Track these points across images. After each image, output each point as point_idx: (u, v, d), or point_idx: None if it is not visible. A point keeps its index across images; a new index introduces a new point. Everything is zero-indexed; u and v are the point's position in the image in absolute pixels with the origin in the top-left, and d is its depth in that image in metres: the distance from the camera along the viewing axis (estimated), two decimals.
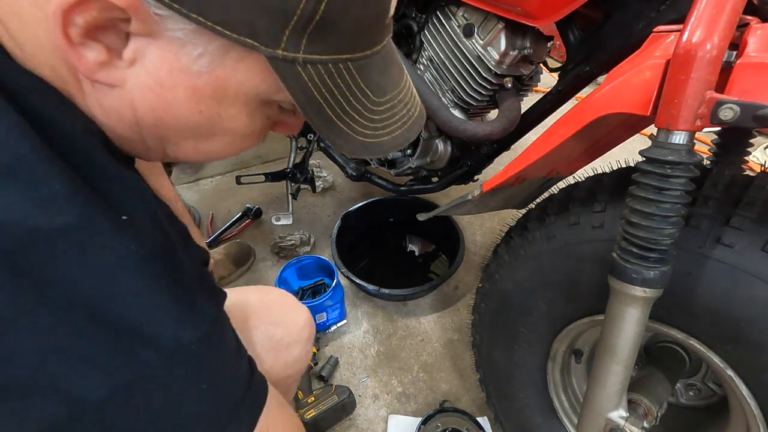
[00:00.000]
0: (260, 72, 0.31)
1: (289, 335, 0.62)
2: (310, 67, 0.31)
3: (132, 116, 0.32)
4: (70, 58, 0.28)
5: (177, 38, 0.28)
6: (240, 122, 0.35)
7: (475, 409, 1.04)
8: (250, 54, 0.30)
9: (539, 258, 0.69)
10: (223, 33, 0.27)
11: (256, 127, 0.36)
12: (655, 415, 0.61)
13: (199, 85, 0.31)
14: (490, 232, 1.56)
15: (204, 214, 1.61)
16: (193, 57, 0.29)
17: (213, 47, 0.29)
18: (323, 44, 0.30)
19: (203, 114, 0.33)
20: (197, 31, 0.28)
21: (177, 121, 0.33)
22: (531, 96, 1.00)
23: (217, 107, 0.33)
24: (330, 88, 0.32)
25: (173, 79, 0.30)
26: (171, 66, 0.29)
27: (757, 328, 0.50)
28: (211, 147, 0.36)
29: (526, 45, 0.84)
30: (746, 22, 0.47)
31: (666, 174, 0.45)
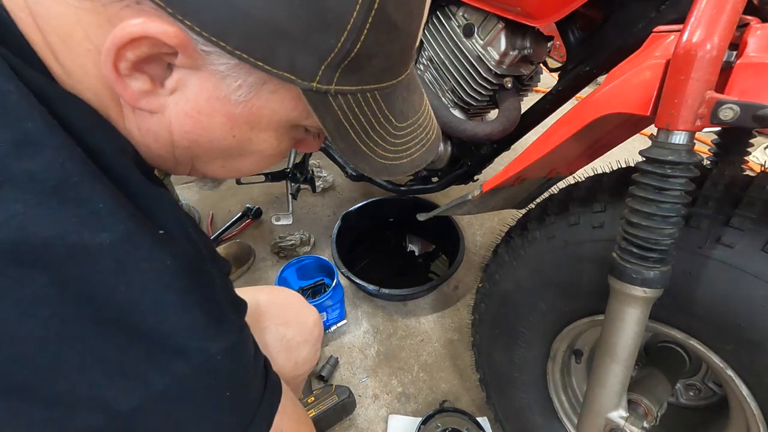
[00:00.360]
0: (293, 101, 0.33)
1: (300, 335, 0.63)
2: (340, 97, 0.33)
3: (168, 138, 0.34)
4: (116, 88, 0.30)
5: (219, 71, 0.30)
6: (269, 144, 0.37)
7: (475, 409, 1.04)
8: (285, 86, 0.32)
9: (539, 258, 0.69)
10: (264, 68, 0.29)
11: (282, 148, 0.38)
12: (655, 415, 0.61)
13: (235, 113, 0.33)
14: (490, 232, 1.56)
15: (204, 214, 1.61)
16: (232, 88, 0.31)
17: (252, 80, 0.31)
18: (355, 77, 0.32)
19: (236, 138, 0.35)
20: (239, 65, 0.30)
21: (210, 143, 0.35)
22: (531, 96, 1.00)
23: (249, 132, 0.35)
24: (357, 116, 0.34)
25: (211, 106, 0.32)
26: (210, 95, 0.31)
27: (757, 328, 0.50)
28: (239, 165, 0.39)
29: (526, 45, 0.84)
30: (746, 22, 0.47)
31: (666, 174, 0.45)
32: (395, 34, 0.32)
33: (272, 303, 0.64)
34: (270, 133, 0.36)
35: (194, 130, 0.33)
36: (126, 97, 0.30)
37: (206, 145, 0.35)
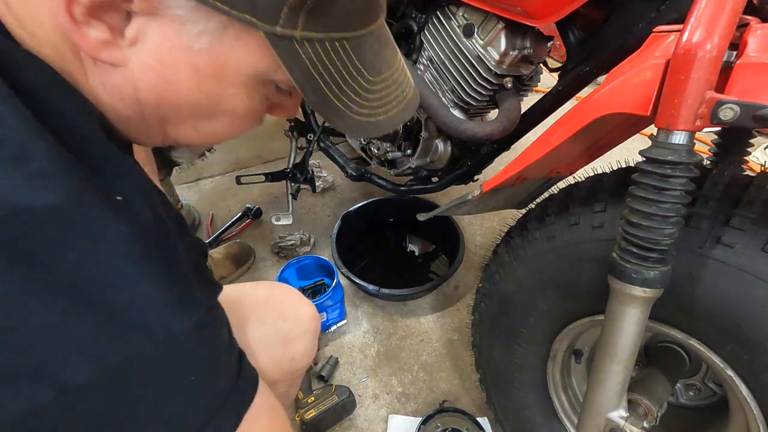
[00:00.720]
0: (259, 50, 0.31)
1: (297, 327, 0.63)
2: (307, 44, 0.31)
3: (134, 95, 0.32)
4: (74, 37, 0.28)
5: (178, 16, 0.29)
6: (239, 102, 0.35)
7: (475, 409, 1.04)
8: (248, 31, 0.30)
9: (539, 258, 0.69)
10: (223, 9, 0.28)
11: (254, 108, 0.37)
12: (655, 415, 0.61)
13: (200, 64, 0.31)
14: (490, 232, 1.56)
15: (204, 214, 1.61)
16: (193, 34, 0.30)
17: (212, 24, 0.30)
18: (320, 22, 0.31)
19: (204, 93, 0.33)
20: (197, 7, 0.28)
21: (178, 99, 0.33)
22: (531, 96, 1.00)
23: (217, 86, 0.33)
24: (327, 66, 0.33)
25: (174, 57, 0.31)
26: (172, 44, 0.30)
27: (757, 328, 0.50)
28: (212, 128, 0.37)
29: (526, 45, 0.84)
30: (746, 22, 0.47)
31: (666, 174, 0.45)
32: None
33: (269, 297, 0.64)
34: (239, 88, 0.34)
35: (159, 84, 0.32)
36: (84, 48, 0.29)
37: (174, 102, 0.33)
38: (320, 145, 1.38)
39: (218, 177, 1.83)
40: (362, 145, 1.26)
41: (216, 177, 1.83)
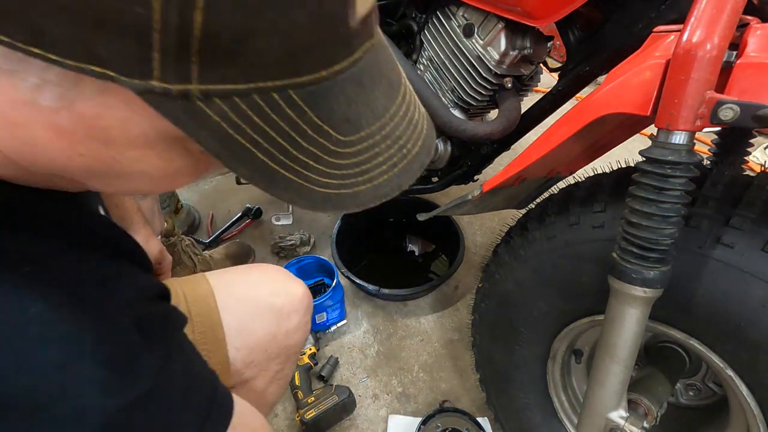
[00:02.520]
0: (143, 108, 0.21)
1: (290, 303, 0.65)
2: (219, 102, 0.21)
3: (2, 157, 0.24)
4: None
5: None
6: (150, 164, 0.25)
7: (475, 409, 1.04)
8: (113, 85, 0.20)
9: (539, 258, 0.69)
10: (47, 58, 0.19)
11: (179, 166, 0.27)
12: (655, 415, 0.61)
13: (63, 125, 0.22)
14: (490, 232, 1.56)
15: (204, 214, 1.61)
16: (30, 88, 0.21)
17: (53, 76, 0.21)
18: (234, 69, 0.20)
19: (87, 157, 0.24)
20: (16, 56, 0.19)
21: (56, 163, 0.24)
22: (531, 96, 1.00)
23: (105, 150, 0.24)
24: (260, 128, 0.22)
25: (21, 114, 0.22)
26: (10, 98, 0.21)
27: (757, 328, 0.50)
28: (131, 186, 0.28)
29: (526, 45, 0.84)
30: (746, 22, 0.47)
31: (666, 174, 0.45)
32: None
33: (261, 277, 0.66)
34: (142, 151, 0.24)
35: (20, 147, 0.23)
36: None
37: (53, 165, 0.24)
38: None
39: (218, 177, 1.83)
40: None
41: (216, 177, 1.83)
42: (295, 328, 0.65)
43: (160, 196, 1.15)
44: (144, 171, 0.26)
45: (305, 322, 0.68)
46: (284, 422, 1.04)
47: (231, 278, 0.65)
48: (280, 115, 0.22)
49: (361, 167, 0.26)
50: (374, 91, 0.26)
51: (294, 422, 1.02)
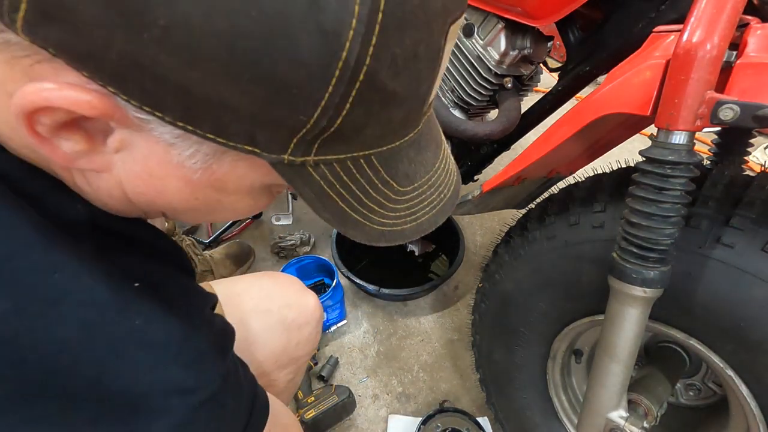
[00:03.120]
0: (262, 168, 0.27)
1: (301, 316, 0.65)
2: (323, 167, 0.27)
3: (122, 196, 0.29)
4: (43, 151, 0.25)
5: (164, 139, 0.25)
6: (243, 204, 0.32)
7: (475, 409, 1.04)
8: (249, 157, 0.25)
9: (539, 258, 0.69)
10: (217, 141, 0.24)
11: (261, 204, 0.34)
12: (655, 415, 0.61)
13: (194, 179, 0.27)
14: (490, 232, 1.56)
15: None
16: (184, 156, 0.26)
17: (206, 149, 0.26)
18: (341, 147, 0.26)
19: (200, 201, 0.30)
20: (186, 135, 0.24)
21: (171, 204, 0.30)
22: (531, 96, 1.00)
23: (215, 194, 0.29)
24: (346, 184, 0.28)
25: (164, 170, 0.27)
26: (160, 159, 0.26)
27: (757, 328, 0.50)
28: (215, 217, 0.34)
29: (526, 45, 0.84)
30: (746, 22, 0.47)
31: (666, 174, 0.45)
32: (394, 102, 0.26)
33: (274, 287, 0.66)
34: (241, 196, 0.30)
35: (148, 192, 0.28)
36: (57, 160, 0.25)
37: (167, 205, 0.30)
38: None
39: None
40: None
41: None
42: (306, 341, 0.66)
43: None
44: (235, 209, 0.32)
45: (316, 333, 0.68)
46: None
47: (242, 288, 0.65)
48: (362, 174, 0.29)
49: (410, 210, 0.33)
50: (427, 152, 0.33)
51: None
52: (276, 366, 0.63)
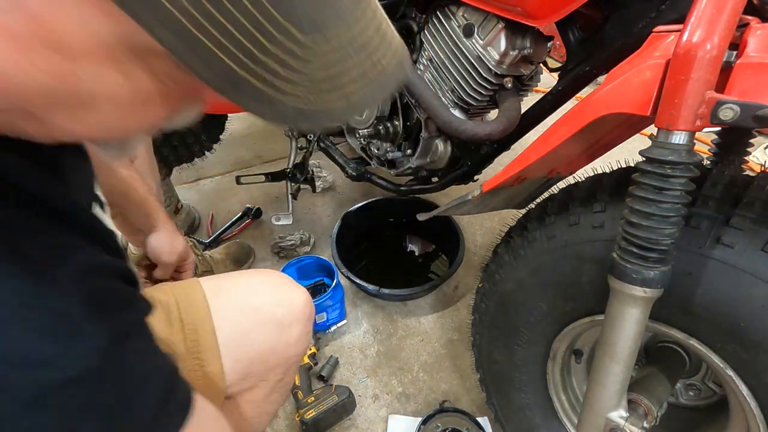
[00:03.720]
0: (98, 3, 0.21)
1: (291, 314, 0.63)
2: None
3: None
4: None
5: None
6: (112, 82, 0.24)
7: (475, 409, 1.04)
8: None
9: (539, 258, 0.69)
10: None
11: (143, 89, 0.25)
12: (655, 415, 0.61)
13: (15, 28, 0.21)
14: (490, 232, 1.56)
15: (204, 214, 1.61)
16: None
17: None
18: None
19: (48, 73, 0.23)
20: None
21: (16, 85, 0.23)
22: (531, 96, 1.00)
23: (62, 62, 0.23)
24: (219, 23, 0.21)
25: None
26: None
27: (757, 328, 0.50)
28: (97, 119, 0.26)
29: (526, 45, 0.84)
30: (746, 22, 0.47)
31: (666, 174, 0.45)
32: None
33: (263, 284, 0.65)
34: (102, 66, 0.23)
35: None
36: None
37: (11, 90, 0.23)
38: (320, 145, 1.38)
39: (218, 177, 1.83)
40: (362, 145, 1.26)
41: (216, 177, 1.83)
42: (296, 340, 0.63)
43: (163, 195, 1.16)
44: (107, 91, 0.25)
45: (307, 332, 0.66)
46: (284, 422, 1.04)
47: (230, 284, 0.63)
48: (240, 11, 0.21)
49: (332, 78, 0.25)
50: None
51: (294, 422, 1.02)
52: (264, 366, 0.61)
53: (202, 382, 0.55)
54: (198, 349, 0.56)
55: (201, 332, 0.56)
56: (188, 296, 0.59)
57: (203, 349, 0.56)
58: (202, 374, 0.55)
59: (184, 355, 0.54)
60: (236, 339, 0.58)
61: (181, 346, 0.54)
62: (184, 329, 0.55)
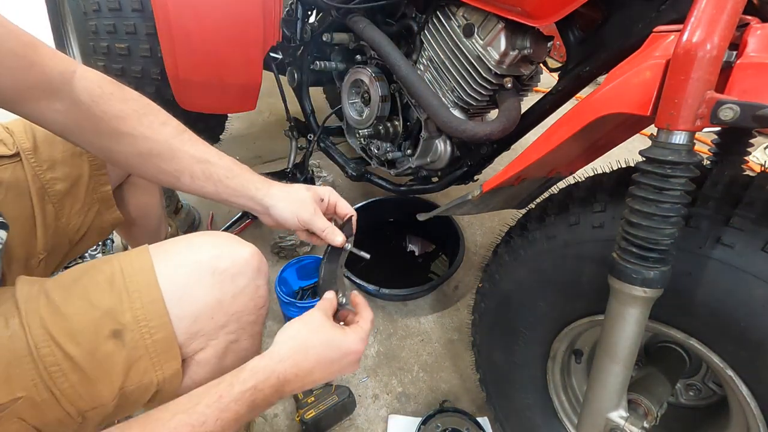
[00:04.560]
0: None
1: (234, 266, 0.60)
2: None
3: None
4: None
5: None
6: None
7: (475, 409, 1.04)
8: None
9: (539, 258, 0.69)
10: None
11: None
12: (655, 415, 0.61)
13: None
14: (490, 232, 1.56)
15: (204, 214, 1.61)
16: None
17: None
18: None
19: None
20: None
21: None
22: (531, 96, 1.00)
23: None
24: None
25: None
26: None
27: (757, 328, 0.50)
28: None
29: (526, 45, 0.84)
30: (746, 22, 0.47)
31: (666, 174, 0.45)
32: None
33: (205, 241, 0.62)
34: None
35: None
36: None
37: None
38: (320, 145, 1.38)
39: None
40: (362, 145, 1.26)
41: None
42: (242, 292, 0.60)
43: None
44: None
45: (256, 286, 0.62)
46: (284, 422, 1.04)
47: (172, 244, 0.60)
48: None
49: None
50: None
51: (294, 422, 1.02)
52: (212, 323, 0.58)
53: (153, 349, 0.53)
54: (147, 317, 0.53)
55: (148, 299, 0.54)
56: (133, 263, 0.56)
57: (153, 315, 0.54)
58: (151, 341, 0.53)
59: (131, 324, 0.52)
60: (178, 295, 0.55)
61: (127, 315, 0.52)
62: (130, 297, 0.53)
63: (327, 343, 0.55)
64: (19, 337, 0.49)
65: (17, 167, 0.71)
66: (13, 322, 0.50)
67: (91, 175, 0.81)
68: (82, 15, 1.17)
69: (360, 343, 0.56)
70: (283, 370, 0.51)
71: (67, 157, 0.77)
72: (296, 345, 0.54)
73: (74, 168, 0.78)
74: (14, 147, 0.71)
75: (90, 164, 0.80)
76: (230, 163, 0.70)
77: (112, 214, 0.87)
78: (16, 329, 0.49)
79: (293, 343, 0.54)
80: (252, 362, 0.51)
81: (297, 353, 0.53)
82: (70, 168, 0.77)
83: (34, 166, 0.73)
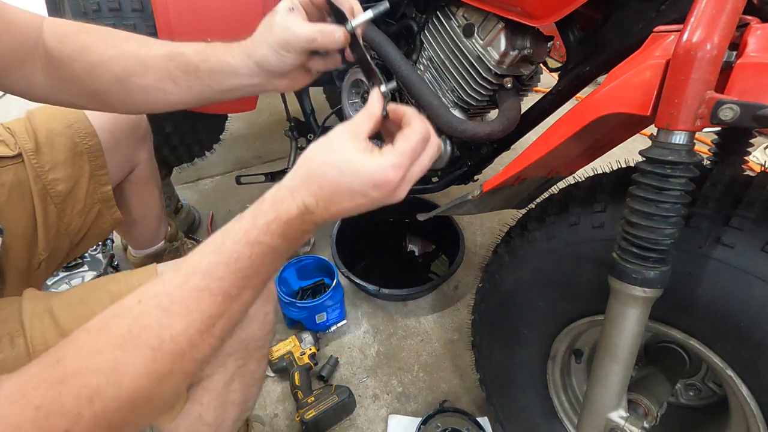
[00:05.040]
0: None
1: None
2: None
3: None
4: None
5: None
6: None
7: (475, 409, 1.04)
8: None
9: (539, 258, 0.69)
10: None
11: None
12: (655, 415, 0.61)
13: None
14: (490, 232, 1.56)
15: (204, 214, 1.61)
16: None
17: None
18: None
19: None
20: None
21: None
22: (531, 96, 1.00)
23: None
24: None
25: None
26: None
27: (757, 328, 0.50)
28: None
29: (526, 45, 0.84)
30: (746, 22, 0.47)
31: (666, 174, 0.45)
32: None
33: None
34: None
35: None
36: None
37: None
38: None
39: (218, 177, 1.83)
40: None
41: (216, 177, 1.83)
42: (250, 320, 0.60)
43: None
44: None
45: (264, 312, 0.62)
46: (284, 422, 1.04)
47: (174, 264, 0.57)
48: None
49: None
50: None
51: (294, 422, 1.02)
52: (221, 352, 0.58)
53: None
54: None
55: None
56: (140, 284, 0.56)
57: None
58: None
59: None
60: None
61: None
62: None
63: (342, 170, 0.42)
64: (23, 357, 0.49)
65: (19, 168, 0.71)
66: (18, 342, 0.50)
67: (91, 175, 0.81)
68: (82, 15, 1.17)
69: (391, 171, 0.42)
70: (300, 197, 0.43)
71: (68, 157, 0.77)
72: (308, 171, 0.43)
73: (75, 168, 0.78)
74: (16, 148, 0.71)
75: (90, 164, 0.80)
76: (199, 45, 0.61)
77: (113, 214, 0.88)
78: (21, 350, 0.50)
79: (305, 170, 0.44)
80: (269, 193, 0.44)
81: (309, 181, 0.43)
82: (72, 168, 0.77)
83: (36, 166, 0.72)
